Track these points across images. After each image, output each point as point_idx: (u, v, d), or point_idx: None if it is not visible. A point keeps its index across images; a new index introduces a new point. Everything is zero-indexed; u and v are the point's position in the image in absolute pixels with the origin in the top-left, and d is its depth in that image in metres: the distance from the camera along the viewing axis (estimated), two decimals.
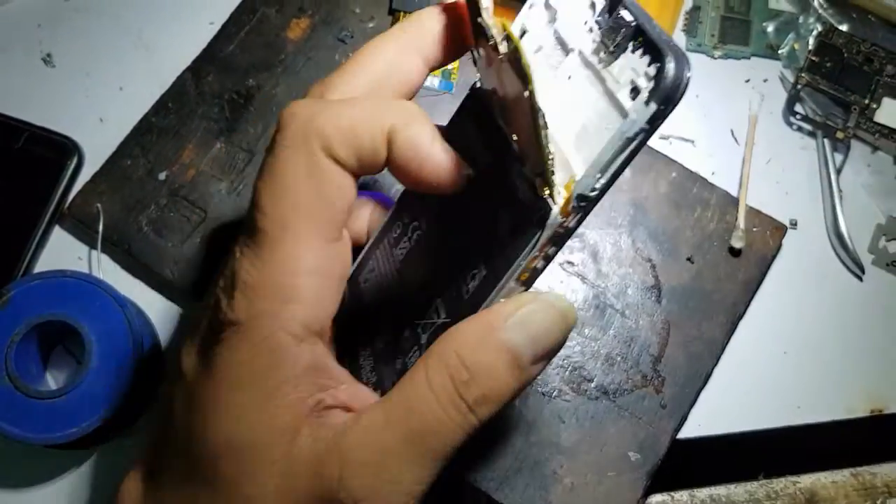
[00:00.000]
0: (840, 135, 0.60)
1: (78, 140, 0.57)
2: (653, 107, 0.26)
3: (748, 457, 0.58)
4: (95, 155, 0.57)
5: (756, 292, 0.56)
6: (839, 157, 0.61)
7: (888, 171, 0.61)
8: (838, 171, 0.60)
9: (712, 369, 0.54)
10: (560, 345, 0.31)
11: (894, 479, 0.57)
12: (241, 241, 0.32)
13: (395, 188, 0.54)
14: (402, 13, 0.59)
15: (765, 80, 0.62)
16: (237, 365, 0.30)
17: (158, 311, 0.55)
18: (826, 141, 0.61)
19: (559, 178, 0.29)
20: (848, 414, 0.56)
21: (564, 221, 0.29)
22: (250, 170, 0.55)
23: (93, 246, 0.55)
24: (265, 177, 0.31)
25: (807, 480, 0.57)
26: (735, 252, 0.55)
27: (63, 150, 0.56)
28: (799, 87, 0.61)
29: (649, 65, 0.27)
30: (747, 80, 0.62)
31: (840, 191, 0.59)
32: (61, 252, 0.56)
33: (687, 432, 0.54)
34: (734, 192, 0.58)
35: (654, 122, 0.27)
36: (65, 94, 0.59)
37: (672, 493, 0.56)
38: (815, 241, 0.59)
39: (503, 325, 0.30)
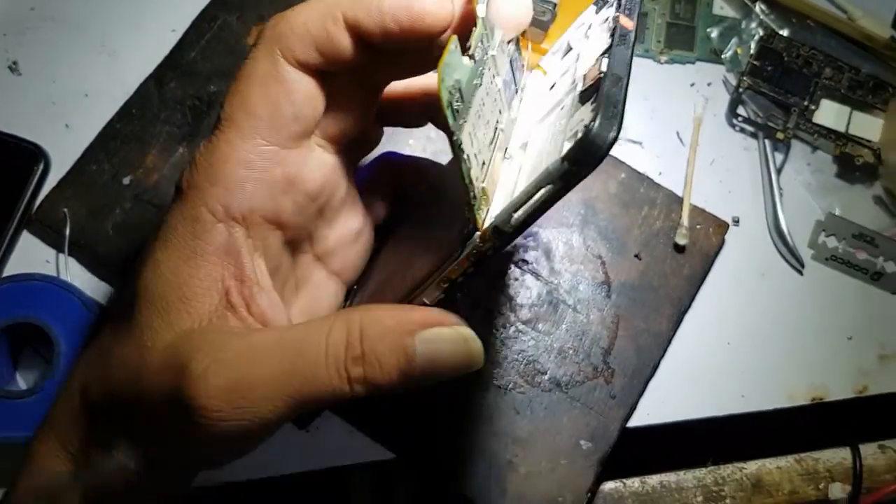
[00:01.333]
0: (780, 135, 0.63)
1: (44, 146, 0.58)
2: (566, 165, 0.27)
3: (697, 445, 0.61)
4: (62, 161, 0.58)
5: (700, 286, 0.58)
6: (780, 157, 0.64)
7: (827, 170, 0.64)
8: (779, 171, 0.63)
9: (659, 360, 0.57)
10: (451, 375, 0.33)
11: (836, 464, 0.60)
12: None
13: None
14: None
15: (709, 84, 0.65)
16: (169, 228, 0.34)
17: None
18: (767, 141, 0.63)
19: (493, 208, 0.32)
20: (790, 402, 0.59)
21: (483, 246, 0.31)
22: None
23: (60, 249, 0.57)
24: (234, 80, 0.34)
25: (753, 466, 0.60)
26: (679, 248, 0.58)
27: (30, 156, 0.58)
28: (741, 90, 0.64)
29: (589, 121, 0.28)
30: (692, 84, 0.65)
31: (780, 189, 0.62)
32: (29, 256, 0.57)
33: (636, 421, 0.57)
34: (679, 192, 0.60)
35: (566, 180, 0.28)
36: (31, 102, 0.61)
37: (624, 480, 0.58)
38: (757, 238, 0.62)
39: (415, 333, 0.32)
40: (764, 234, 0.62)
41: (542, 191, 0.28)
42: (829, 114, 0.63)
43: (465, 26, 0.34)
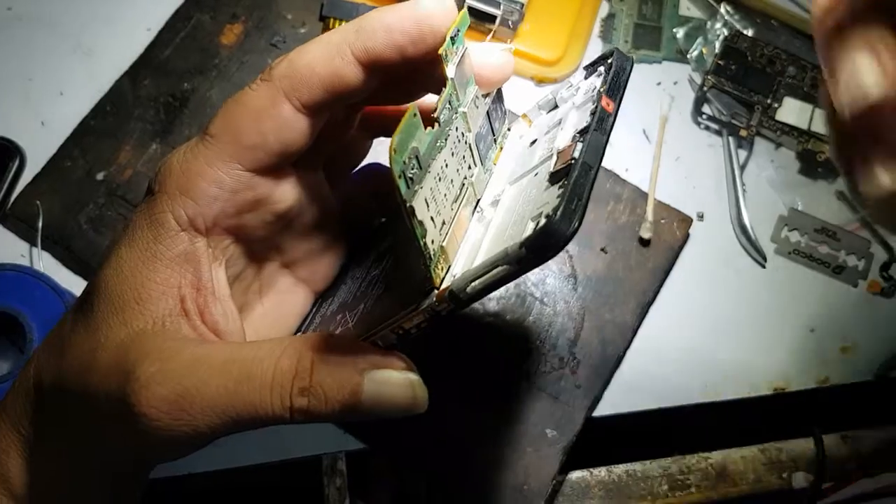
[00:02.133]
0: (744, 133, 0.64)
1: (20, 143, 0.60)
2: (523, 251, 0.28)
3: (662, 435, 0.62)
4: (37, 157, 0.59)
5: (664, 279, 0.60)
6: (744, 154, 0.65)
7: (790, 166, 0.66)
8: (742, 167, 0.64)
9: (625, 352, 0.58)
10: (392, 416, 0.34)
11: (800, 453, 0.61)
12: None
13: None
14: (332, 19, 0.62)
15: (675, 83, 0.67)
16: (135, 227, 0.34)
17: None
18: (731, 139, 0.65)
19: (455, 265, 0.33)
20: (752, 392, 0.60)
21: (438, 306, 0.32)
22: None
23: (34, 244, 0.57)
24: (230, 101, 0.35)
25: (718, 456, 0.61)
26: (644, 242, 0.59)
27: (5, 152, 0.59)
28: (706, 88, 0.65)
29: (552, 209, 0.29)
30: (658, 83, 0.67)
31: (744, 185, 0.64)
32: (3, 250, 0.58)
33: (602, 411, 0.58)
34: (645, 188, 0.62)
35: (523, 264, 0.29)
36: (7, 99, 0.62)
37: (591, 470, 0.59)
38: (721, 232, 0.63)
39: (365, 372, 0.32)
40: (728, 229, 0.63)
41: (499, 269, 0.29)
42: (792, 111, 0.65)
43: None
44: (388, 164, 0.45)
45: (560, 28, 0.65)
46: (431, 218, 0.32)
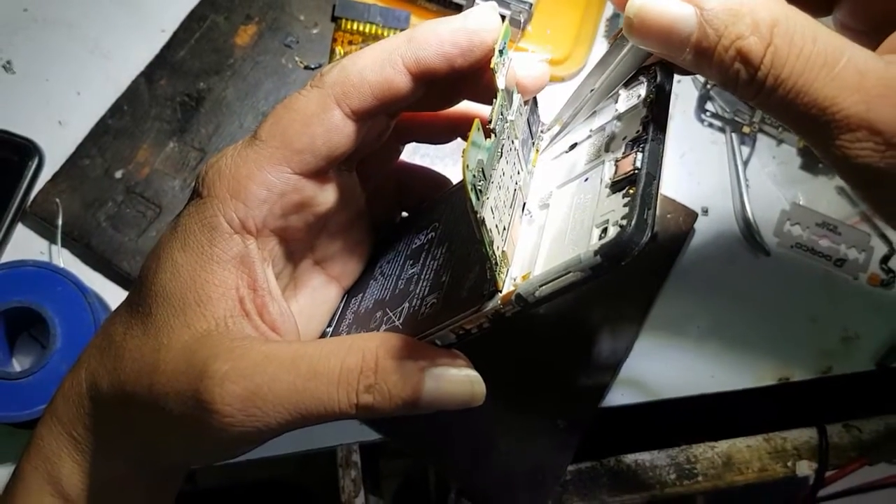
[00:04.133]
0: (747, 129, 0.66)
1: (38, 142, 0.61)
2: (598, 259, 0.29)
3: (670, 425, 0.64)
4: (55, 156, 0.60)
5: (670, 272, 0.61)
6: (746, 150, 0.66)
7: (792, 162, 0.67)
8: (745, 163, 0.66)
9: (632, 344, 0.60)
10: (451, 409, 0.34)
11: (803, 442, 0.63)
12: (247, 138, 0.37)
13: None
14: (344, 20, 0.63)
15: (678, 81, 0.68)
16: (187, 231, 0.35)
17: (118, 302, 0.58)
18: (734, 135, 0.66)
19: (513, 268, 0.33)
20: (757, 382, 0.62)
21: (502, 309, 0.32)
22: (202, 167, 0.59)
23: (54, 241, 0.58)
24: (280, 106, 0.35)
25: (723, 445, 0.62)
26: (651, 236, 0.61)
27: (24, 151, 0.60)
28: (708, 86, 0.66)
29: (622, 218, 0.30)
30: None
31: (747, 180, 0.65)
32: (24, 248, 0.59)
33: (611, 402, 0.59)
34: None
35: (597, 271, 0.29)
36: (25, 99, 0.63)
37: (601, 460, 0.61)
38: (725, 226, 0.65)
39: (425, 369, 0.33)
40: (731, 223, 0.65)
41: (571, 275, 0.30)
42: None
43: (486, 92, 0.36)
44: (408, 161, 0.46)
45: (566, 28, 0.66)
46: (496, 225, 0.32)
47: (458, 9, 0.63)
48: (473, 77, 0.36)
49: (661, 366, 0.61)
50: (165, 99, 0.61)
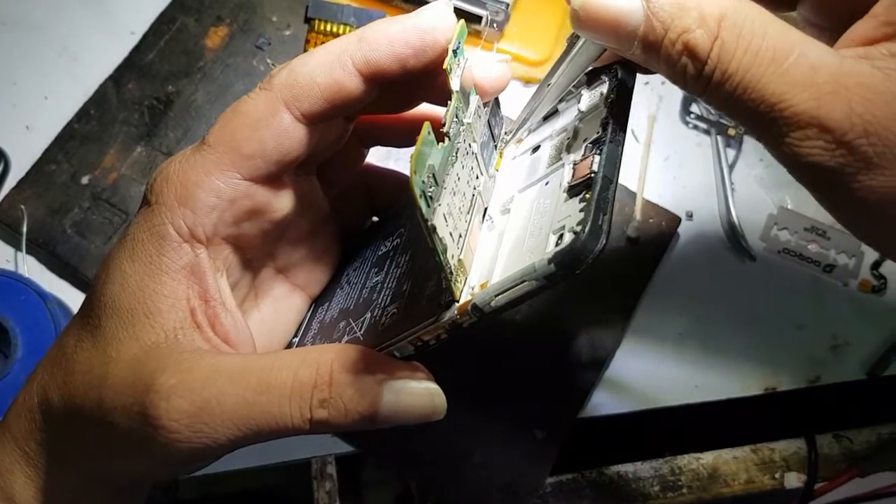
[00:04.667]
0: (732, 132, 0.64)
1: (4, 147, 0.59)
2: (552, 267, 0.28)
3: (654, 436, 0.62)
4: (22, 161, 0.59)
5: (652, 278, 0.59)
6: (732, 153, 0.65)
7: (779, 165, 0.65)
8: (731, 166, 0.64)
9: (613, 352, 0.58)
10: (412, 423, 0.33)
11: (792, 453, 0.61)
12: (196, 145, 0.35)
13: None
14: (317, 20, 0.62)
15: (662, 83, 0.66)
16: (135, 240, 0.34)
17: None
18: (719, 138, 0.65)
19: (472, 276, 0.32)
20: (743, 392, 0.60)
21: (459, 319, 0.31)
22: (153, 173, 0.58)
23: (19, 248, 0.57)
24: (229, 111, 0.34)
25: (709, 457, 0.61)
26: (633, 241, 0.59)
27: None
28: None
29: (577, 224, 0.28)
30: (646, 83, 0.66)
31: (732, 184, 0.63)
32: None
33: (592, 412, 0.57)
34: (634, 188, 0.61)
35: (551, 280, 0.28)
36: None
37: (583, 472, 0.59)
38: (710, 231, 0.63)
39: (384, 382, 0.32)
40: (717, 228, 0.63)
41: (525, 284, 0.29)
42: None
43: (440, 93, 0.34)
44: (377, 165, 0.45)
45: (546, 29, 0.65)
46: (450, 233, 0.31)
47: None
48: (430, 78, 0.35)
49: (643, 374, 0.59)
50: (133, 103, 0.59)
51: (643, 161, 0.63)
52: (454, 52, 0.32)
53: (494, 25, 0.62)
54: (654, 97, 0.66)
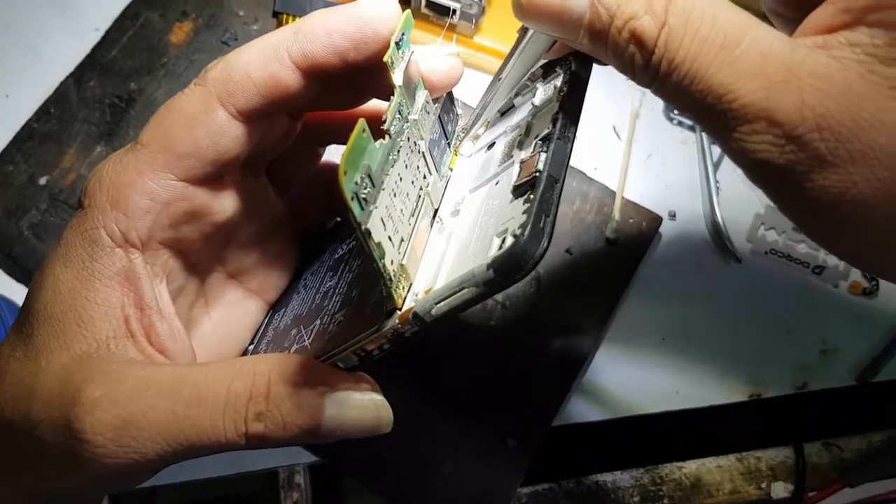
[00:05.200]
0: None
1: None
2: (490, 273, 0.26)
3: (634, 445, 0.60)
4: None
5: (631, 280, 0.57)
6: (718, 151, 0.62)
7: None
8: (716, 164, 0.62)
9: (590, 357, 0.56)
10: (355, 437, 0.32)
11: (779, 462, 0.59)
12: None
13: None
14: (285, 15, 0.60)
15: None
16: (68, 245, 0.32)
17: None
18: (704, 135, 0.62)
19: (417, 282, 0.30)
20: (727, 398, 0.58)
21: (400, 328, 0.29)
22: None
23: None
24: (162, 109, 0.33)
25: (692, 466, 0.59)
26: (611, 242, 0.57)
27: None
28: None
29: (518, 227, 0.27)
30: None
31: (717, 182, 0.61)
32: None
33: (568, 419, 0.55)
34: (614, 186, 0.59)
35: (490, 286, 0.26)
36: None
37: (559, 481, 0.57)
38: (694, 231, 0.61)
39: (325, 394, 0.30)
40: (701, 228, 0.61)
41: (466, 291, 0.27)
42: None
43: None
44: (337, 163, 0.43)
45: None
46: (389, 237, 0.29)
47: (408, 2, 0.59)
48: (378, 72, 0.33)
49: (623, 381, 0.57)
50: (94, 101, 0.57)
51: (624, 158, 0.61)
52: (397, 44, 0.31)
53: (472, 19, 0.60)
54: (637, 91, 0.63)
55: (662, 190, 0.61)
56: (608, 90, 0.63)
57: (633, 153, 0.62)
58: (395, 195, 0.30)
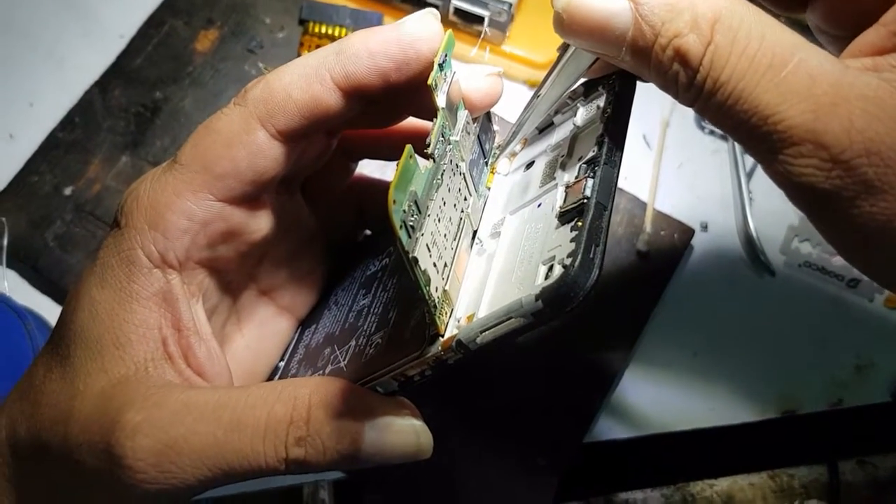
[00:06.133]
0: None
1: None
2: (539, 304, 0.25)
3: (665, 462, 0.59)
4: (3, 171, 0.57)
5: (662, 294, 0.56)
6: (750, 160, 0.61)
7: None
8: (749, 174, 0.61)
9: (621, 372, 0.55)
10: (395, 462, 0.32)
11: (812, 479, 0.58)
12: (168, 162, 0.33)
13: None
14: (311, 23, 0.59)
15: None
16: (104, 265, 0.32)
17: None
18: (737, 144, 0.61)
19: (458, 307, 0.30)
20: (761, 415, 0.56)
21: (443, 355, 0.29)
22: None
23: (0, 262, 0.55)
24: (201, 128, 0.32)
25: (724, 483, 0.58)
26: (642, 255, 0.56)
27: None
28: None
29: (567, 256, 0.26)
30: None
31: (750, 193, 0.60)
32: None
33: (598, 436, 0.54)
34: (645, 197, 0.58)
35: (539, 318, 0.26)
36: None
37: (589, 499, 0.56)
38: (726, 244, 0.59)
39: (366, 420, 0.30)
40: (733, 240, 0.60)
41: (512, 320, 0.26)
42: None
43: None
44: (369, 176, 0.42)
45: (553, 30, 0.61)
46: (434, 263, 0.29)
47: None
48: (417, 91, 0.32)
49: (653, 397, 0.56)
50: (119, 110, 0.57)
51: (655, 169, 0.60)
52: (440, 65, 0.30)
53: (498, 27, 0.59)
54: (668, 100, 0.62)
55: (694, 201, 0.60)
56: (638, 98, 0.62)
57: (663, 163, 0.61)
58: (439, 220, 0.30)
